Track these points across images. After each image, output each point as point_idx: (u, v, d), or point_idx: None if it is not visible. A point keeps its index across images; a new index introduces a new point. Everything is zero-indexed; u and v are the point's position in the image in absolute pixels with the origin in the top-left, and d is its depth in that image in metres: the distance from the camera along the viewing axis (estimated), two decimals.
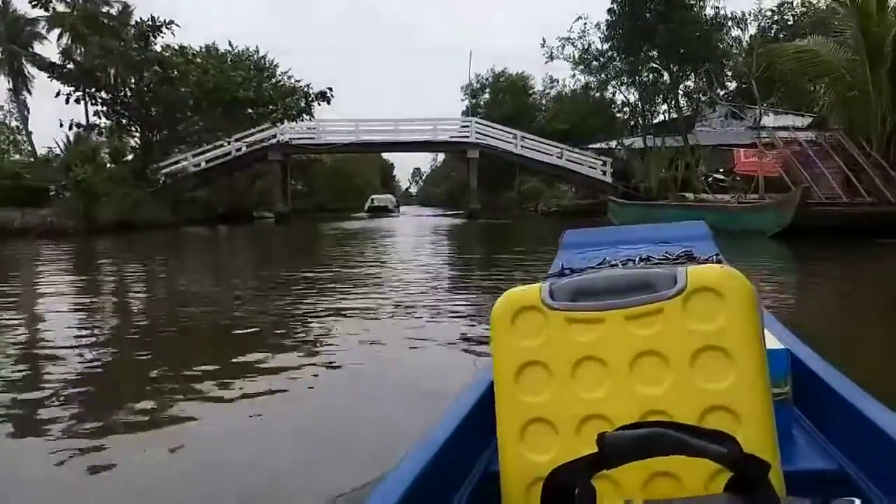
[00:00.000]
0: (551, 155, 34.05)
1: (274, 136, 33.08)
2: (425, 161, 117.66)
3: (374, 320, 5.89)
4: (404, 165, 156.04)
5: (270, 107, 29.72)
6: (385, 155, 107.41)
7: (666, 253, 2.15)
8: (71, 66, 27.46)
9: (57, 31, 33.48)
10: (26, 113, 36.01)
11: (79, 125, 27.80)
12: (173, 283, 10.37)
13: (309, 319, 6.08)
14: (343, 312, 6.28)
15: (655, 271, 1.20)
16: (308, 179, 53.61)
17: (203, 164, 33.24)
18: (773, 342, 1.50)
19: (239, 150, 33.41)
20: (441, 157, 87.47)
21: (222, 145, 32.89)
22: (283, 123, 32.01)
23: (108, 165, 26.72)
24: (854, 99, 15.99)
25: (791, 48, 16.80)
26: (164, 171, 30.71)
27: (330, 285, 8.62)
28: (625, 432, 0.89)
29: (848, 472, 1.31)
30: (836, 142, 17.53)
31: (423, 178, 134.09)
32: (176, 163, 32.13)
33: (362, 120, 35.07)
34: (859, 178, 16.16)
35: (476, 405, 1.44)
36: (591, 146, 35.40)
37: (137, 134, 29.87)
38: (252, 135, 33.15)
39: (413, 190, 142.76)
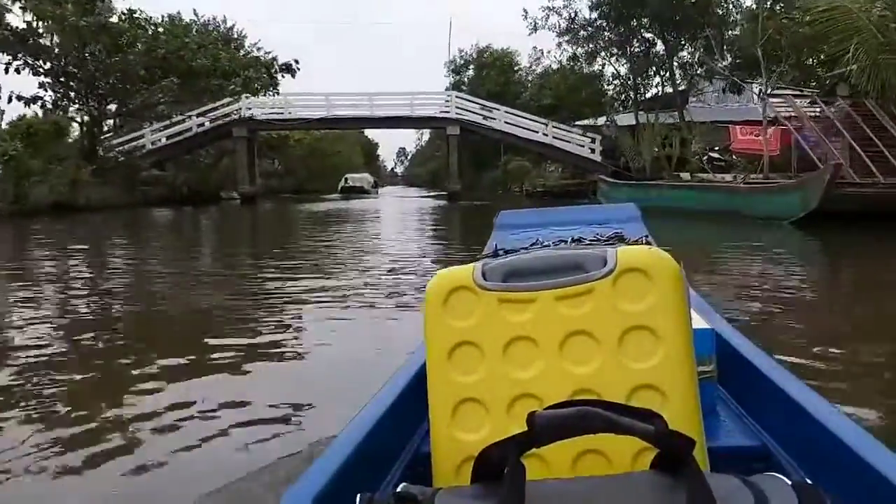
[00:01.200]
0: (536, 132, 31.86)
1: (238, 111, 30.77)
2: (411, 141, 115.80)
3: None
4: (390, 145, 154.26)
5: (233, 79, 27.17)
6: (369, 134, 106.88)
7: (597, 234, 2.22)
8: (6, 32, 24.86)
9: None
10: None
11: (20, 98, 25.28)
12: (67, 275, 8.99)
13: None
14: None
15: (586, 252, 1.22)
16: (284, 159, 51.53)
17: (163, 141, 30.95)
18: (699, 322, 1.49)
19: (201, 125, 31.10)
20: (426, 136, 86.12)
21: (183, 121, 30.50)
22: (245, 97, 29.58)
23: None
24: (889, 63, 13.72)
25: (821, 3, 14.50)
26: (117, 148, 28.33)
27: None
28: (554, 411, 0.88)
29: (770, 449, 1.36)
30: (846, 115, 15.49)
31: (409, 158, 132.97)
32: (133, 140, 29.81)
33: (333, 94, 32.75)
34: (873, 157, 13.97)
35: (407, 387, 1.46)
36: (578, 123, 33.29)
37: (85, 108, 27.24)
38: (214, 109, 30.79)
39: (399, 170, 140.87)
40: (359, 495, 0.89)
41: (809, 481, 0.94)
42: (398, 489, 0.91)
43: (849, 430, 1.17)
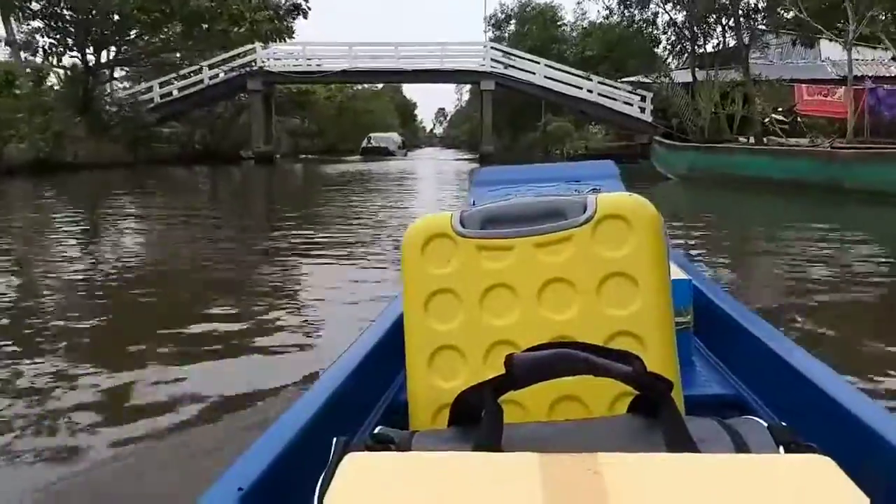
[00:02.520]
0: (580, 88, 28.77)
1: (252, 63, 28.20)
2: (450, 100, 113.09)
3: None
4: (429, 105, 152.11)
5: (241, 23, 24.46)
6: (407, 94, 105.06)
7: (575, 191, 2.14)
8: None
9: None
10: None
11: (10, 43, 22.97)
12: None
13: None
14: None
15: (566, 198, 1.20)
16: (314, 117, 49.24)
17: (175, 94, 28.59)
18: (676, 273, 1.48)
19: (214, 77, 28.56)
20: (466, 95, 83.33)
21: (191, 74, 28.00)
22: (261, 46, 26.95)
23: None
24: None
25: None
26: (121, 101, 25.97)
27: None
28: (532, 353, 0.87)
29: (745, 397, 1.39)
30: None
31: (448, 119, 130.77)
32: (142, 92, 27.47)
33: (357, 43, 29.90)
34: None
35: (385, 335, 1.48)
36: (625, 80, 30.18)
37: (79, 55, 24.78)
38: (229, 60, 28.27)
39: (438, 132, 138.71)
40: (335, 439, 0.86)
41: (785, 424, 0.91)
42: (375, 432, 0.89)
43: (823, 378, 1.19)
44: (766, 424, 0.85)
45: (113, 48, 26.09)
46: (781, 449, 0.81)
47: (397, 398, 1.39)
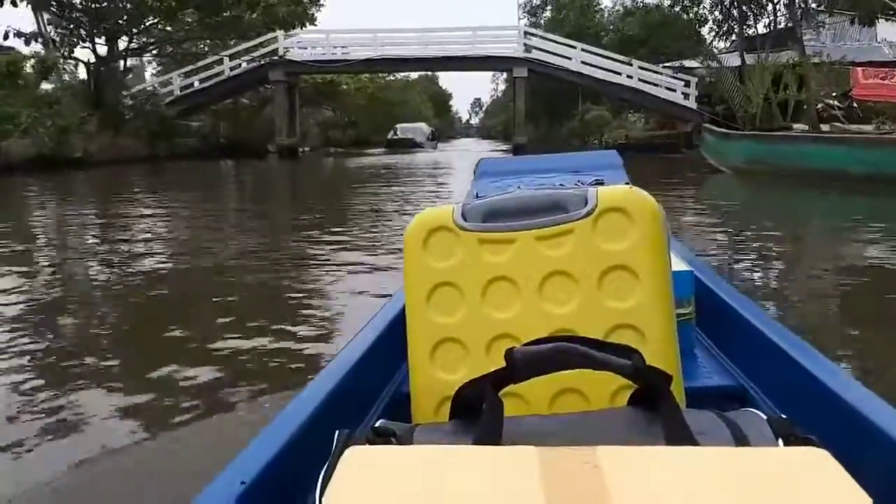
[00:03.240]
0: (619, 74, 27.07)
1: (274, 53, 26.98)
2: (486, 91, 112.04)
3: None
4: (465, 95, 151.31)
5: (256, 9, 23.19)
6: (442, 84, 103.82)
7: (578, 182, 2.19)
8: None
9: None
10: None
11: (19, 35, 21.94)
12: None
13: None
14: None
15: (566, 191, 1.21)
16: (345, 109, 48.11)
17: (196, 85, 27.56)
18: (677, 264, 1.47)
19: (236, 67, 27.40)
20: (501, 85, 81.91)
21: (210, 66, 26.90)
22: (283, 35, 25.71)
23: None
24: None
25: None
26: (135, 94, 24.95)
27: None
28: (532, 347, 0.88)
29: (746, 389, 1.39)
30: None
31: (484, 109, 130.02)
32: (163, 84, 26.46)
33: (382, 30, 28.50)
34: None
35: (387, 329, 1.48)
36: (666, 65, 28.44)
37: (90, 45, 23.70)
38: (251, 49, 27.08)
39: (474, 122, 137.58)
40: (337, 432, 0.86)
41: (785, 417, 0.93)
42: (376, 425, 0.90)
43: (824, 370, 1.19)
44: (765, 417, 0.86)
45: (126, 38, 24.91)
46: (780, 441, 0.81)
47: (399, 391, 1.39)
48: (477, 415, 0.85)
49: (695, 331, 1.61)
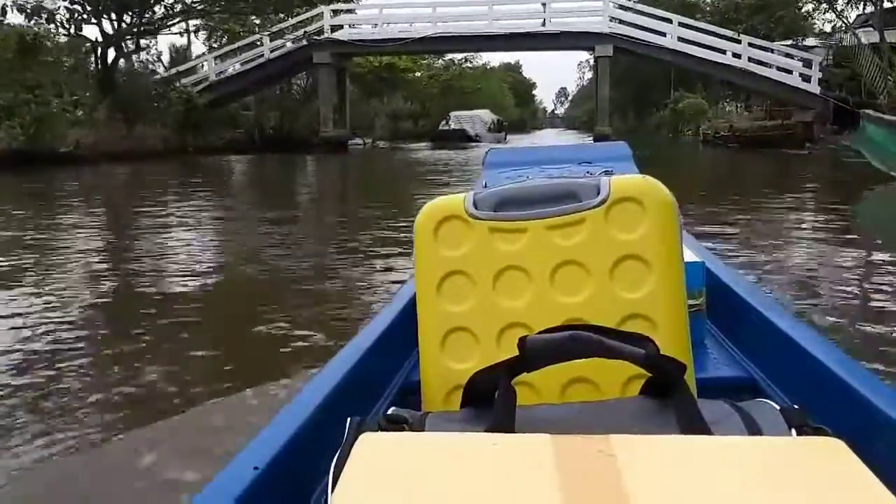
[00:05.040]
0: (724, 53, 22.64)
1: (319, 33, 23.65)
2: (572, 80, 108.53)
3: None
4: (550, 84, 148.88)
5: None
6: (526, 72, 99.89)
7: (587, 173, 2.16)
8: None
9: None
10: None
11: (21, 9, 19.24)
12: None
13: None
14: None
15: (579, 181, 1.20)
16: (415, 97, 45.09)
17: (237, 68, 24.63)
18: (689, 256, 1.43)
19: (281, 47, 24.18)
20: (588, 74, 77.82)
21: (238, 51, 23.80)
22: (321, 10, 22.35)
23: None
24: None
25: None
26: (154, 81, 22.05)
27: None
28: (545, 335, 0.88)
29: (757, 380, 1.37)
30: None
31: (570, 98, 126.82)
32: (190, 69, 23.53)
33: (442, 3, 24.66)
34: None
35: (398, 318, 1.47)
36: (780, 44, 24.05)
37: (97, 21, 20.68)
38: (295, 28, 23.85)
39: (560, 112, 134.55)
40: (349, 419, 0.87)
41: (797, 407, 0.92)
42: (388, 412, 0.91)
43: (836, 361, 1.18)
44: (778, 407, 0.86)
45: (133, 14, 21.78)
46: (793, 432, 0.81)
47: (410, 379, 1.38)
48: (489, 403, 0.85)
49: (706, 322, 1.58)
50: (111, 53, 20.56)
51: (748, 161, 18.33)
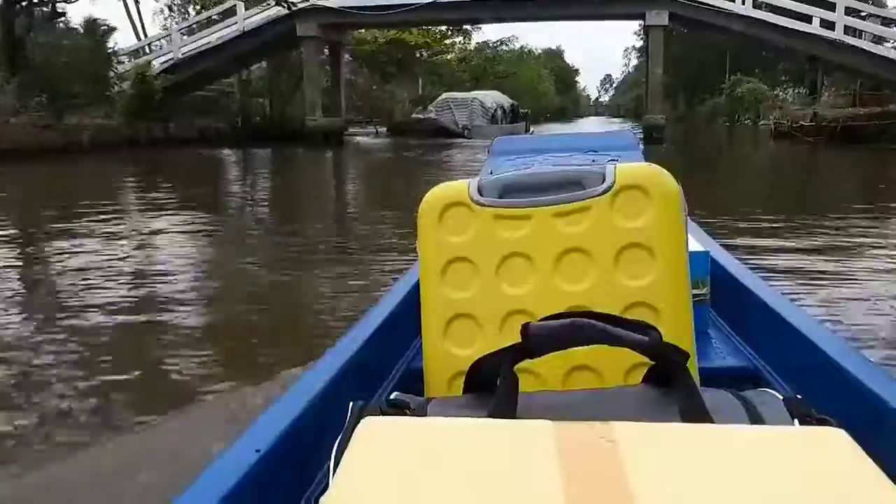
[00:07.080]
0: (809, 22, 17.85)
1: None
2: (618, 67, 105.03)
3: None
4: (593, 72, 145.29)
5: None
6: (568, 59, 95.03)
7: (593, 161, 2.14)
8: None
9: None
10: None
11: None
12: None
13: None
14: None
15: (585, 168, 1.20)
16: (441, 82, 41.16)
17: (214, 41, 20.53)
18: (694, 245, 1.47)
19: (270, 21, 20.01)
20: (634, 60, 73.25)
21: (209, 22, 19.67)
22: None
23: None
24: None
25: None
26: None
27: None
28: (548, 322, 0.88)
29: (760, 369, 1.38)
30: None
31: (615, 86, 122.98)
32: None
33: None
34: None
35: (401, 303, 1.48)
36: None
37: None
38: None
39: (604, 100, 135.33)
40: (351, 403, 0.89)
41: (800, 397, 0.93)
42: (391, 397, 0.92)
43: (839, 351, 1.19)
44: (780, 397, 0.87)
45: None
46: (796, 421, 0.82)
47: (413, 365, 1.40)
48: (491, 389, 0.86)
49: (710, 312, 1.60)
50: (18, 23, 16.29)
51: (862, 165, 13.59)
